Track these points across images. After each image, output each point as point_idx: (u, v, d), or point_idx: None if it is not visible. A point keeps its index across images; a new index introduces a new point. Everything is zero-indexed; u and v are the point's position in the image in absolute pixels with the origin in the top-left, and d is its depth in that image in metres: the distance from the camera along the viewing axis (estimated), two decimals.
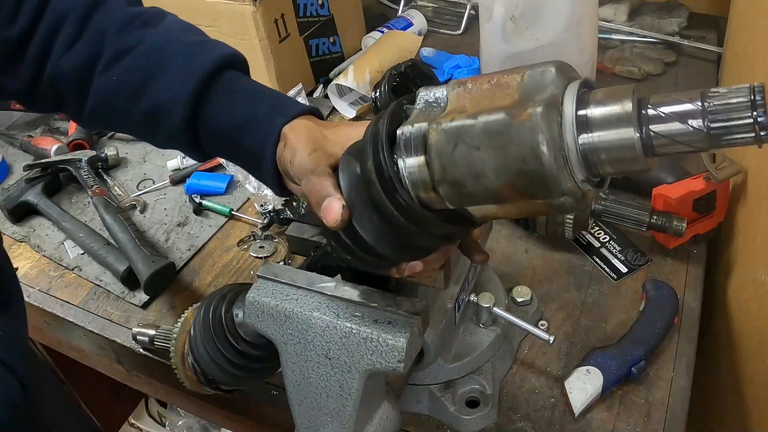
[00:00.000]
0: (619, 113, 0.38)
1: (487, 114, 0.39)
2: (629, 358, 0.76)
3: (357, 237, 0.50)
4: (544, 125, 0.37)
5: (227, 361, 0.66)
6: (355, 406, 0.58)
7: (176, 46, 0.63)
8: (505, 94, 0.40)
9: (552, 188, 0.39)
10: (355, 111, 1.29)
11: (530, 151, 0.38)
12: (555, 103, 0.38)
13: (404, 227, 0.46)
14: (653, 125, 0.37)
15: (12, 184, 1.14)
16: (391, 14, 1.60)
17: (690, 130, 0.36)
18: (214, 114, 0.61)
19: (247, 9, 1.20)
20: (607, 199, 0.90)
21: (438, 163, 0.42)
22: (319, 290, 0.58)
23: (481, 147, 0.40)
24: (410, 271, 0.52)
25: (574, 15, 1.12)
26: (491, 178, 0.40)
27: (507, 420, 0.75)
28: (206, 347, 0.67)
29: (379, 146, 0.45)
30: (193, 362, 0.70)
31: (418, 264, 0.51)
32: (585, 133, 0.38)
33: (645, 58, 1.35)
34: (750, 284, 0.83)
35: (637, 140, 0.37)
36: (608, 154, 0.38)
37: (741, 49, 1.12)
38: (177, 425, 1.71)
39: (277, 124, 0.59)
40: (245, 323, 0.64)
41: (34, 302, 0.97)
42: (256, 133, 0.60)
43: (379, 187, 0.45)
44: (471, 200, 0.43)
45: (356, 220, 0.49)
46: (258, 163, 0.61)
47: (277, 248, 1.01)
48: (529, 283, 0.88)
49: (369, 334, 0.54)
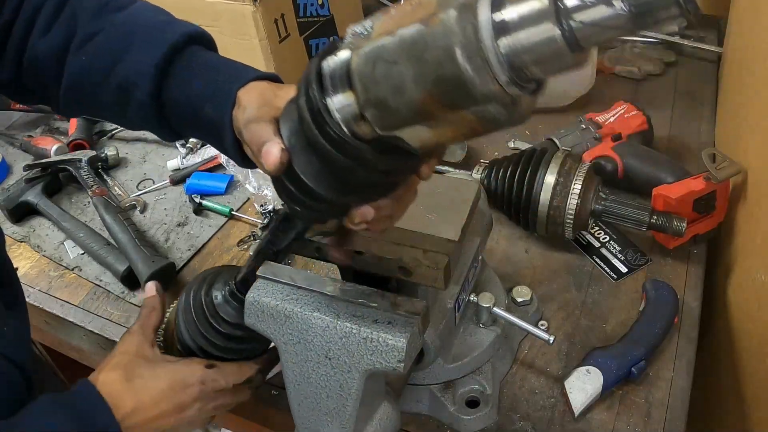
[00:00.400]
0: (535, 9, 0.36)
1: (404, 28, 0.39)
2: (629, 358, 0.76)
3: (301, 183, 0.49)
4: (458, 27, 0.36)
5: (210, 344, 0.66)
6: (355, 406, 0.58)
7: (144, 26, 0.65)
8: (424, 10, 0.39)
9: (472, 92, 0.37)
10: None
11: (445, 54, 0.37)
12: (469, 6, 0.37)
13: (340, 163, 0.45)
14: (573, 15, 0.35)
15: (12, 184, 1.14)
16: None
17: (611, 13, 0.34)
18: (177, 87, 0.62)
19: (247, 9, 1.20)
20: (607, 199, 0.90)
21: (360, 86, 0.41)
22: (319, 290, 0.58)
23: (399, 61, 0.39)
24: (361, 218, 0.50)
25: None
26: (412, 90, 0.39)
27: (507, 420, 0.75)
28: (189, 331, 0.67)
29: (308, 81, 0.44)
30: (181, 349, 0.70)
31: (369, 210, 0.49)
32: (505, 35, 0.37)
33: (645, 58, 1.35)
34: (750, 284, 0.83)
35: (558, 36, 0.36)
36: (531, 54, 0.37)
37: (741, 49, 1.12)
38: None
39: (234, 89, 0.60)
40: (224, 304, 0.64)
41: (34, 302, 0.97)
42: (215, 102, 0.60)
43: (311, 121, 0.44)
44: (398, 120, 0.41)
45: (296, 164, 0.48)
46: (219, 133, 0.62)
47: None
48: (529, 283, 0.88)
49: (369, 334, 0.54)
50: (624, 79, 1.33)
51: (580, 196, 0.87)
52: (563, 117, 1.22)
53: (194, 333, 0.67)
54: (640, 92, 1.29)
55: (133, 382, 0.62)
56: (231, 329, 0.66)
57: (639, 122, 1.07)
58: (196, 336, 0.67)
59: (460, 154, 1.16)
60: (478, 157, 1.15)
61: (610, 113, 1.09)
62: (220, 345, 0.67)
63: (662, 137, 1.15)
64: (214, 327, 0.66)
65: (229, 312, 0.66)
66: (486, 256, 0.87)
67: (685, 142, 1.15)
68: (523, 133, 1.22)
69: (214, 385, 0.65)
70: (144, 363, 0.64)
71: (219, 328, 0.66)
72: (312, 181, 0.48)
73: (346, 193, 0.49)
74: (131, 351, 0.65)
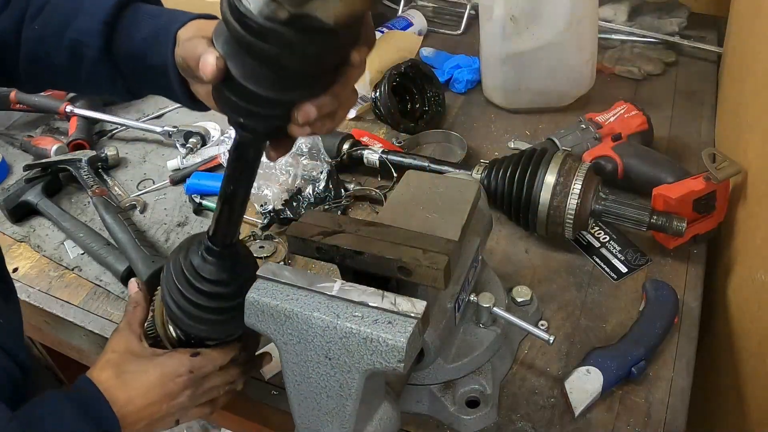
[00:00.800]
0: None
1: None
2: (629, 358, 0.76)
3: (240, 88, 0.50)
4: None
5: (195, 306, 0.66)
6: (355, 406, 0.58)
7: None
8: None
9: None
10: (355, 111, 1.29)
11: None
12: None
13: (267, 52, 0.46)
14: None
15: (12, 184, 1.14)
16: (391, 14, 1.59)
17: None
18: (124, 41, 0.65)
19: None
20: (607, 199, 0.90)
21: None
22: (319, 290, 0.58)
23: None
24: (304, 117, 0.51)
25: (574, 15, 1.12)
26: None
27: (507, 420, 0.75)
28: (174, 300, 0.67)
29: None
30: (173, 327, 0.70)
31: (311, 108, 0.51)
32: None
33: (645, 58, 1.35)
34: (750, 284, 0.83)
35: None
36: None
37: (741, 49, 1.12)
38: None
39: (173, 30, 0.62)
40: (203, 263, 0.65)
41: (34, 302, 0.97)
42: (158, 46, 0.63)
43: (233, 20, 0.46)
44: None
45: (233, 70, 0.50)
46: (165, 75, 0.63)
47: (277, 248, 1.01)
48: (529, 283, 0.88)
49: (369, 334, 0.54)
50: (624, 79, 1.33)
51: (580, 196, 0.87)
52: (563, 117, 1.22)
53: (179, 299, 0.66)
54: (640, 92, 1.29)
55: (124, 377, 0.65)
56: (212, 287, 0.65)
57: (639, 122, 1.07)
58: (182, 302, 0.66)
59: (460, 154, 1.17)
60: (478, 157, 1.15)
61: (610, 113, 1.09)
62: (206, 305, 0.66)
63: (662, 137, 1.15)
64: (195, 287, 0.65)
65: (208, 269, 0.65)
66: (486, 256, 0.87)
67: (685, 142, 1.15)
68: (523, 133, 1.22)
69: (202, 371, 0.68)
70: (133, 358, 0.67)
71: (201, 287, 0.65)
72: (249, 82, 0.49)
73: (285, 89, 0.50)
74: (120, 348, 0.68)
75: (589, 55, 1.19)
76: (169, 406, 0.67)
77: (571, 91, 1.23)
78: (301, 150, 1.07)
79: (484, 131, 1.23)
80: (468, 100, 1.33)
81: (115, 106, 1.37)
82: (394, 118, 1.20)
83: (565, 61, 1.17)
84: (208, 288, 0.65)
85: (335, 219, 0.69)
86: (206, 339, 0.71)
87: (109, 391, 0.63)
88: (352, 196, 1.09)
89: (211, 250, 0.65)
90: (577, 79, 1.21)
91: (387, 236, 0.65)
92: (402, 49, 1.34)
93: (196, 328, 0.68)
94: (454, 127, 1.25)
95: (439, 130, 1.23)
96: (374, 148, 1.11)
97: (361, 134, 1.18)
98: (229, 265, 0.66)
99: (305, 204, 1.05)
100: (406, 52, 1.32)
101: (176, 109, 1.38)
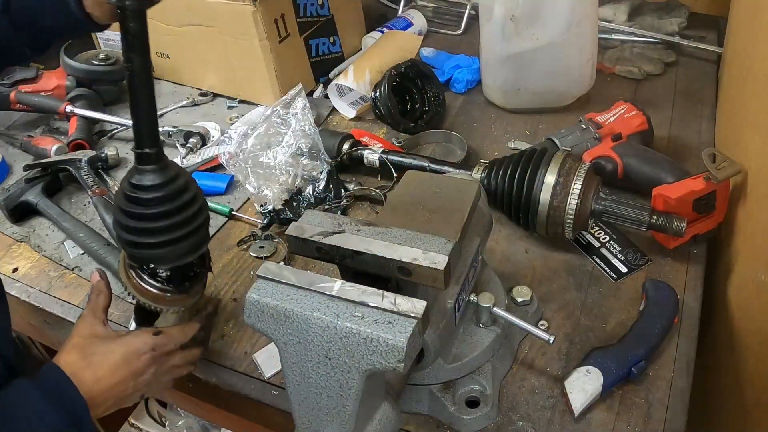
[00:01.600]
0: None
1: None
2: (629, 358, 0.76)
3: None
4: None
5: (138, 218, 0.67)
6: (355, 406, 0.58)
7: None
8: None
9: None
10: (355, 111, 1.29)
11: None
12: None
13: None
14: None
15: (12, 184, 1.14)
16: (391, 14, 1.60)
17: None
18: None
19: (247, 9, 1.20)
20: (607, 199, 0.90)
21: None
22: (319, 290, 0.58)
23: None
24: None
25: (574, 15, 1.12)
26: None
27: (507, 420, 0.75)
28: (122, 225, 0.68)
29: None
30: (130, 264, 0.72)
31: None
32: None
33: (645, 58, 1.35)
34: (750, 284, 0.83)
35: None
36: None
37: (741, 49, 1.12)
38: (177, 425, 1.71)
39: None
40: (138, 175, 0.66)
41: (34, 302, 0.97)
42: None
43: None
44: None
45: None
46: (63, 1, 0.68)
47: (277, 248, 1.01)
48: (529, 283, 0.88)
49: (369, 334, 0.54)
50: (624, 79, 1.33)
51: (580, 196, 0.87)
52: (563, 117, 1.23)
53: (126, 221, 0.67)
54: (640, 92, 1.29)
55: (90, 358, 0.68)
56: (151, 192, 0.66)
57: (639, 122, 1.07)
58: (128, 221, 0.67)
59: (460, 154, 1.17)
60: (478, 157, 1.16)
61: (610, 113, 1.09)
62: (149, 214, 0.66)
63: (662, 137, 1.15)
64: (135, 199, 0.66)
65: (143, 177, 0.66)
66: (486, 256, 0.87)
67: (685, 142, 1.15)
68: (523, 133, 1.22)
69: (164, 349, 0.72)
70: (98, 341, 0.70)
71: (140, 196, 0.66)
72: None
73: None
74: (85, 333, 0.71)
75: (589, 55, 1.19)
76: (135, 383, 0.70)
77: (571, 91, 1.23)
78: (301, 150, 1.07)
79: (484, 131, 1.23)
80: (468, 100, 1.33)
81: (115, 106, 1.37)
82: (394, 118, 1.20)
83: (565, 61, 1.17)
84: (146, 195, 0.66)
85: (335, 219, 0.69)
86: (157, 263, 0.71)
87: (76, 374, 0.65)
88: (352, 196, 1.09)
89: (141, 157, 0.66)
90: (577, 79, 1.21)
91: (387, 236, 0.65)
92: (402, 49, 1.34)
93: (139, 251, 0.69)
94: (454, 127, 1.25)
95: (439, 130, 1.23)
96: (374, 148, 1.11)
97: (361, 134, 1.18)
98: (163, 166, 0.67)
99: (305, 204, 1.05)
100: (406, 52, 1.32)
101: (176, 109, 1.38)
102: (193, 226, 0.70)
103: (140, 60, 0.63)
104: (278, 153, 1.06)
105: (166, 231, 0.67)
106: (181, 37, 1.35)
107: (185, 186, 0.68)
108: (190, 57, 1.39)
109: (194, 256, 0.73)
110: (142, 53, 0.63)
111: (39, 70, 1.38)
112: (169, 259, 0.70)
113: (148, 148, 0.66)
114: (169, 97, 1.42)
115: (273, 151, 1.06)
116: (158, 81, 1.49)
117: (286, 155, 1.06)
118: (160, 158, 0.67)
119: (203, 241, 0.73)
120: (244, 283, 0.96)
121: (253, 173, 1.04)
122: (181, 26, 1.33)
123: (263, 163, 1.05)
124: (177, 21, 1.33)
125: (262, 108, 1.31)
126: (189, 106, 1.39)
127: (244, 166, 1.04)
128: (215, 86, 1.41)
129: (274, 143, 1.07)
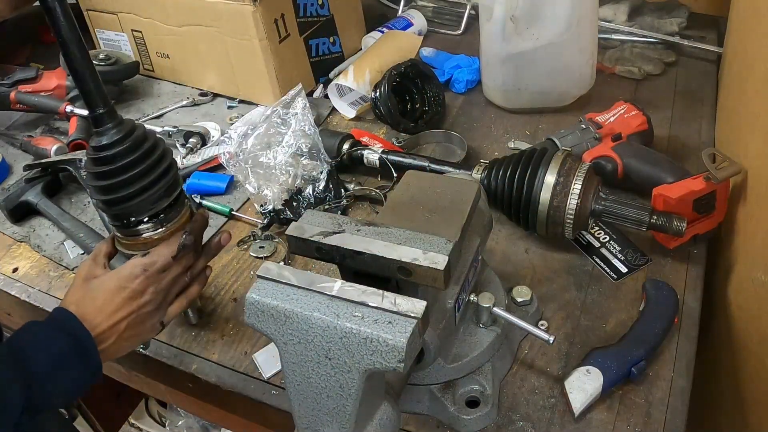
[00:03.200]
0: None
1: None
2: (629, 358, 0.76)
3: None
4: None
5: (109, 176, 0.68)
6: (355, 406, 0.58)
7: None
8: None
9: None
10: (355, 111, 1.29)
11: None
12: None
13: None
14: None
15: (12, 184, 1.14)
16: (391, 14, 1.60)
17: None
18: None
19: (247, 9, 1.20)
20: (607, 199, 0.90)
21: None
22: (319, 290, 0.58)
23: None
24: None
25: (574, 15, 1.12)
26: None
27: (507, 420, 0.75)
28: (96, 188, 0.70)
29: None
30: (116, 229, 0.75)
31: None
32: None
33: (645, 58, 1.35)
34: (750, 284, 0.83)
35: None
36: None
37: (741, 49, 1.12)
38: (177, 425, 1.71)
39: None
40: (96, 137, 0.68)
41: (34, 302, 0.97)
42: None
43: None
44: None
45: None
46: None
47: (277, 248, 1.01)
48: (529, 283, 0.88)
49: (369, 334, 0.54)
50: (624, 79, 1.33)
51: (580, 196, 0.87)
52: (563, 117, 1.23)
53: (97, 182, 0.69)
54: (640, 92, 1.29)
55: (90, 294, 0.71)
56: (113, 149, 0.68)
57: (639, 122, 1.07)
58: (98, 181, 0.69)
59: (460, 154, 1.17)
60: (478, 157, 1.16)
61: (610, 113, 1.09)
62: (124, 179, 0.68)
63: (662, 137, 1.15)
64: (101, 159, 0.68)
65: (103, 138, 0.68)
66: (486, 256, 0.87)
67: (685, 142, 1.15)
68: (523, 133, 1.22)
69: (155, 267, 0.73)
70: (95, 279, 0.73)
71: (105, 155, 0.68)
72: None
73: None
74: (83, 275, 0.74)
75: (589, 55, 1.19)
76: (138, 305, 0.71)
77: (571, 91, 1.23)
78: (301, 150, 1.07)
79: (484, 131, 1.24)
80: (468, 100, 1.33)
81: (116, 106, 1.37)
82: (394, 118, 1.20)
83: (565, 61, 1.17)
84: (110, 152, 0.67)
85: (335, 219, 0.69)
86: (138, 213, 0.72)
87: (78, 310, 0.68)
88: (352, 196, 1.09)
89: (96, 119, 0.68)
90: (577, 79, 1.21)
91: (387, 236, 0.65)
92: (402, 49, 1.34)
93: (126, 206, 0.70)
94: (454, 127, 1.25)
95: (439, 130, 1.23)
96: (374, 148, 1.11)
97: (361, 134, 1.18)
98: (119, 122, 0.69)
99: (305, 204, 1.05)
100: (406, 52, 1.32)
101: (176, 109, 1.38)
102: (161, 168, 0.72)
103: (67, 25, 0.63)
104: (278, 153, 1.06)
105: (138, 179, 0.70)
106: (181, 37, 1.35)
107: (144, 136, 0.70)
108: (190, 57, 1.39)
109: (170, 200, 0.74)
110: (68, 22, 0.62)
111: (39, 70, 1.38)
112: (147, 205, 0.72)
113: (100, 108, 0.67)
114: (169, 97, 1.43)
115: (273, 151, 1.06)
116: (158, 81, 1.49)
117: (286, 155, 1.06)
118: (113, 116, 0.69)
119: (176, 183, 0.75)
120: (244, 283, 0.96)
121: (253, 173, 1.04)
122: (181, 26, 1.33)
123: (263, 163, 1.05)
124: (177, 21, 1.33)
125: (262, 108, 1.31)
126: (189, 106, 1.39)
127: (244, 166, 1.04)
128: (215, 86, 1.41)
129: (274, 143, 1.07)
